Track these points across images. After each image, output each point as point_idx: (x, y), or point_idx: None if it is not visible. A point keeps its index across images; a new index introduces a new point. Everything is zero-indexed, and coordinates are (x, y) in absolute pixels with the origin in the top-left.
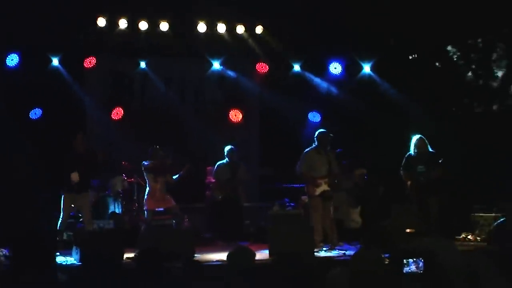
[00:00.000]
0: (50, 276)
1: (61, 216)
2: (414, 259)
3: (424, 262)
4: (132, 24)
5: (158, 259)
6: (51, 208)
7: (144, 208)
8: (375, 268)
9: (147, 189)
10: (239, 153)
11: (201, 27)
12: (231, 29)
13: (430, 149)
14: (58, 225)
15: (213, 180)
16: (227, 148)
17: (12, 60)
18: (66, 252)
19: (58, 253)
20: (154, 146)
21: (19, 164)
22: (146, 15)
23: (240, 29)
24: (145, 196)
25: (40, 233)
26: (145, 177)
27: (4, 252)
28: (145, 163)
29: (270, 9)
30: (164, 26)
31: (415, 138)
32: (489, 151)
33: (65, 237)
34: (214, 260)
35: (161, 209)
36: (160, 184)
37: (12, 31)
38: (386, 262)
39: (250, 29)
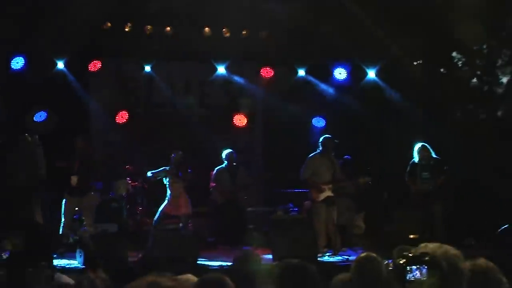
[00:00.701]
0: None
1: (62, 220)
2: (418, 266)
3: (427, 269)
4: (137, 28)
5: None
6: (53, 210)
7: (158, 210)
8: (377, 274)
9: (168, 192)
10: (239, 157)
11: (207, 32)
12: (236, 33)
13: (434, 155)
14: (61, 228)
15: (213, 184)
16: (226, 152)
17: (18, 63)
18: (70, 255)
19: (55, 255)
20: (176, 151)
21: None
22: (151, 19)
23: (245, 33)
24: (166, 200)
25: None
26: (166, 182)
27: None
28: (169, 167)
29: (274, 14)
30: (169, 30)
31: (417, 146)
32: (494, 157)
33: (71, 240)
34: (218, 264)
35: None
36: (175, 188)
37: (17, 34)
38: (390, 268)
39: (255, 34)
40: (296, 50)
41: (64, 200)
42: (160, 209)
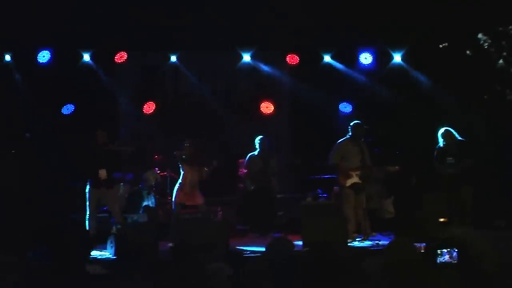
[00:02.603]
0: (79, 269)
1: (87, 212)
2: (448, 249)
3: (458, 252)
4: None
5: (193, 251)
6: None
7: (173, 200)
8: (409, 258)
9: (179, 180)
10: (271, 144)
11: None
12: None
13: (459, 138)
14: (86, 220)
15: (245, 171)
16: (258, 138)
17: (44, 56)
18: (102, 246)
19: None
20: (188, 139)
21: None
22: (175, 9)
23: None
24: (176, 188)
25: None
26: (180, 168)
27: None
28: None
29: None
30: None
31: (441, 130)
32: None
33: (114, 230)
34: (250, 251)
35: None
36: (192, 176)
37: (43, 27)
38: (421, 252)
39: (279, 21)
40: (321, 35)
41: (88, 192)
42: (174, 199)
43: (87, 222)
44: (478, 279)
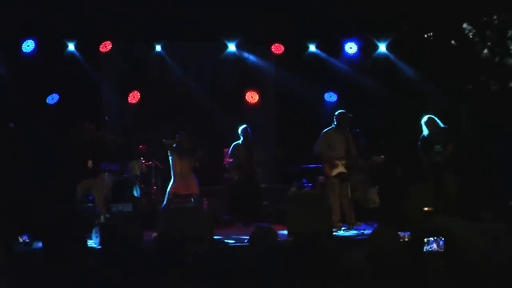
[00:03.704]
0: (82, 261)
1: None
2: (435, 238)
3: (444, 241)
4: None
5: (177, 241)
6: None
7: (168, 191)
8: (391, 247)
9: (172, 172)
10: (254, 134)
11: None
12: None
13: (442, 125)
14: None
15: (230, 160)
16: (241, 127)
17: (28, 46)
18: (87, 236)
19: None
20: (178, 131)
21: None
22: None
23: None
24: (172, 180)
25: (70, 219)
26: (171, 161)
27: (24, 239)
28: (174, 145)
29: None
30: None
31: (424, 118)
32: (507, 128)
33: (102, 220)
34: (234, 241)
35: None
36: (183, 166)
37: (27, 17)
38: (406, 240)
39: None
40: (306, 25)
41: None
42: (168, 190)
43: None
44: (464, 268)
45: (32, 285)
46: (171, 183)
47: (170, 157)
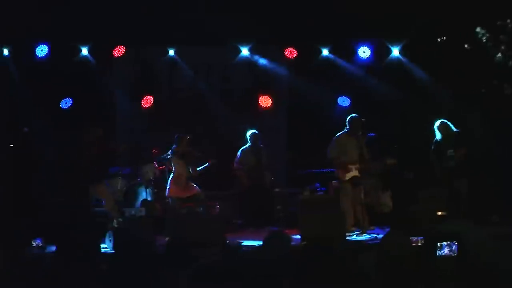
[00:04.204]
0: (93, 265)
1: None
2: (448, 242)
3: (457, 245)
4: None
5: (188, 246)
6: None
7: (167, 195)
8: (404, 252)
9: (171, 175)
10: (263, 138)
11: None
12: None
13: (454, 129)
14: None
15: (238, 166)
16: (250, 133)
17: (42, 50)
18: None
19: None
20: (181, 133)
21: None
22: (174, 2)
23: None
24: (169, 183)
25: (83, 223)
26: (172, 164)
27: (38, 242)
28: (173, 147)
29: None
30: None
31: (437, 123)
32: None
33: (115, 223)
34: (247, 246)
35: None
36: (187, 171)
37: (41, 21)
38: (419, 245)
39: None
40: (320, 29)
41: None
42: (169, 194)
43: None
44: (476, 272)
45: None
46: (169, 186)
47: (172, 162)
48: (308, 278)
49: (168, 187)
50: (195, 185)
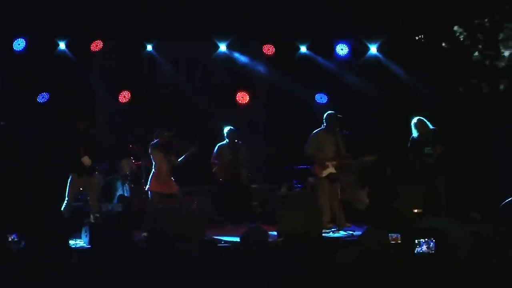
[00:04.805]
0: (63, 259)
1: (66, 199)
2: (426, 239)
3: (435, 242)
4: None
5: (168, 241)
6: (58, 191)
7: (148, 189)
8: (381, 248)
9: (153, 170)
10: (243, 135)
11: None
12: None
13: (431, 126)
14: (63, 208)
15: (215, 162)
16: (227, 129)
17: (19, 44)
18: (76, 235)
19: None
20: (160, 127)
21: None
22: None
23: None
24: (150, 177)
25: (53, 216)
26: (152, 158)
27: (13, 237)
28: (153, 141)
29: None
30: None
31: (414, 120)
32: (497, 131)
33: (92, 219)
34: (225, 241)
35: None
36: (166, 166)
37: (18, 16)
38: (398, 242)
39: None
40: (298, 26)
41: (70, 181)
42: (150, 188)
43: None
44: (455, 269)
45: (14, 283)
46: (150, 180)
47: (152, 156)
48: (285, 274)
49: (149, 181)
50: (174, 184)
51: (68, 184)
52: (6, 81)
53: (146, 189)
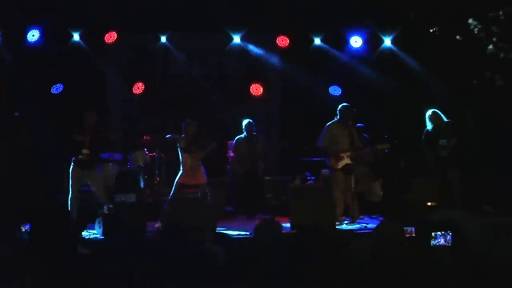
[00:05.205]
0: (69, 249)
1: (70, 192)
2: (442, 232)
3: (452, 235)
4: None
5: (181, 232)
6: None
7: (176, 181)
8: (396, 241)
9: (181, 166)
10: (258, 127)
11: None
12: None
13: (445, 119)
14: (68, 200)
15: (232, 155)
16: (245, 122)
17: (33, 35)
18: (90, 226)
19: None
20: (187, 119)
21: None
22: None
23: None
24: (180, 171)
25: (57, 207)
26: (179, 152)
27: (26, 228)
28: (182, 136)
29: None
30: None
31: (428, 112)
32: (510, 123)
33: (105, 210)
34: (238, 233)
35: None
36: (193, 159)
37: (33, 6)
38: (413, 235)
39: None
40: (312, 18)
41: (71, 172)
42: (176, 180)
43: (69, 202)
44: (471, 262)
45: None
46: (179, 174)
47: (178, 148)
48: (298, 266)
49: (179, 175)
50: (203, 174)
51: (70, 176)
52: (20, 72)
53: (175, 181)
